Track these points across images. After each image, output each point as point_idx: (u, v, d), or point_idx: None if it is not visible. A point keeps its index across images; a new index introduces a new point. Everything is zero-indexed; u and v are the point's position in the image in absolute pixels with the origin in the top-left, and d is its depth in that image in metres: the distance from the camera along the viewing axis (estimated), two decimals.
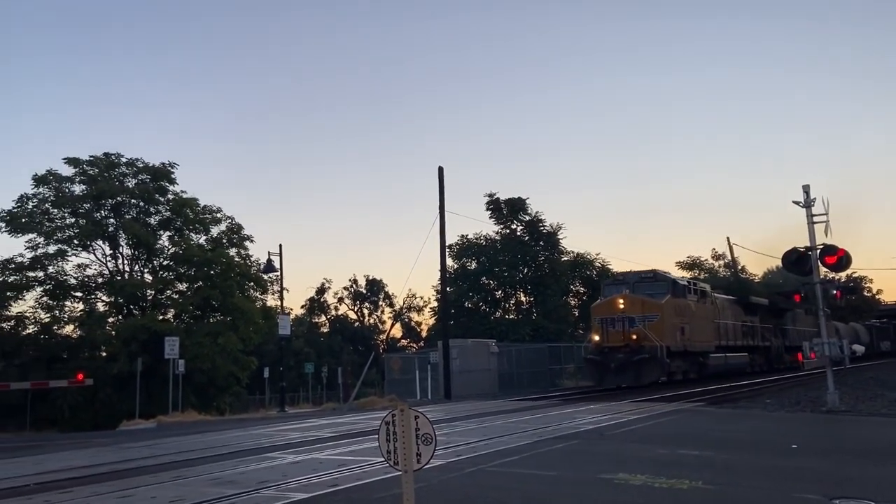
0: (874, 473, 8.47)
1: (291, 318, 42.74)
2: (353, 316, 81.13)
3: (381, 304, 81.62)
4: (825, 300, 17.70)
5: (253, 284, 40.72)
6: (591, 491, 7.27)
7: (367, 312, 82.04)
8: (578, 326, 46.08)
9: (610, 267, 47.34)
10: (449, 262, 40.78)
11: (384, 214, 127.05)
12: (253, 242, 41.34)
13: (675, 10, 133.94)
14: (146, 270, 39.14)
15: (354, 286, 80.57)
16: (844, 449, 10.78)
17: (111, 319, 36.96)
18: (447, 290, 34.98)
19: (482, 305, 46.84)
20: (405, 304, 78.35)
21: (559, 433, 12.35)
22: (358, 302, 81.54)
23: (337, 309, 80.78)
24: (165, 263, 39.17)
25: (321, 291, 79.46)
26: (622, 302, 26.80)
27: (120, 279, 37.38)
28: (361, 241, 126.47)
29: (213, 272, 38.23)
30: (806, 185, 17.25)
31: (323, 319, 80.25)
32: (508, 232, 46.95)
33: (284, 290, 30.93)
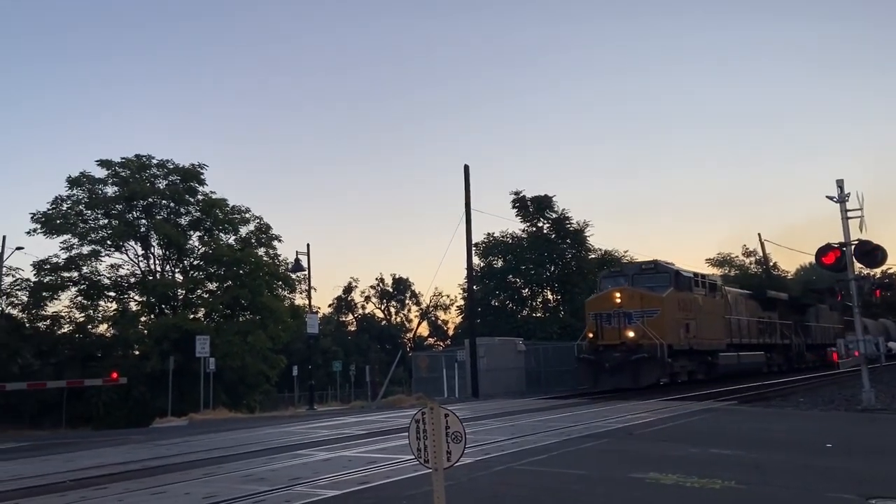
0: None
1: (319, 316, 43.06)
2: (379, 314, 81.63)
3: (407, 302, 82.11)
4: (860, 297, 17.39)
5: (281, 283, 41.14)
6: (621, 490, 7.21)
7: (393, 311, 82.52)
8: None
9: None
10: (475, 260, 40.75)
11: (410, 213, 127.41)
12: (281, 242, 41.87)
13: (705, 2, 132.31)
14: (177, 270, 39.80)
15: (381, 285, 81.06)
16: (881, 448, 10.58)
17: (143, 318, 37.65)
18: (474, 288, 34.95)
19: (509, 304, 46.71)
20: (432, 302, 78.72)
21: (588, 432, 12.27)
22: (385, 300, 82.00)
23: (364, 307, 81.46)
24: (196, 263, 39.79)
25: (348, 290, 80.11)
26: (619, 296, 24.55)
27: (152, 279, 38.03)
28: (388, 239, 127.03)
29: (242, 271, 38.71)
30: (840, 179, 16.99)
31: (350, 318, 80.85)
32: (535, 230, 46.78)
33: (312, 288, 31.18)
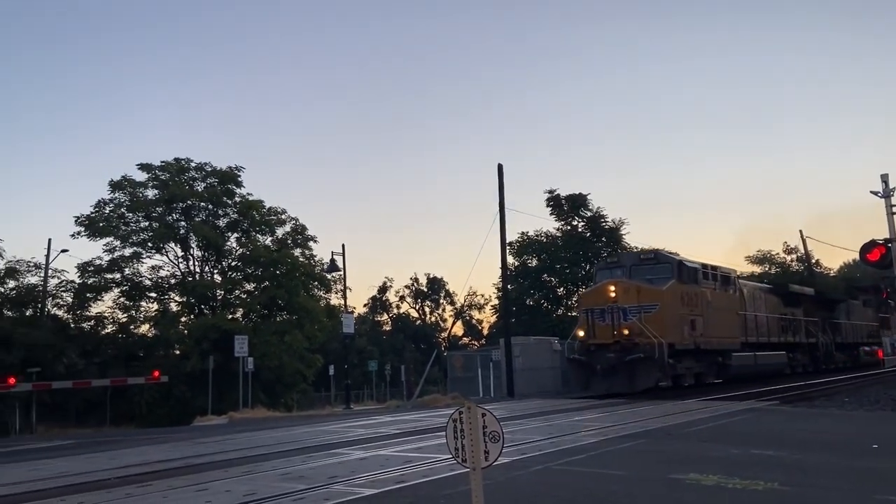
0: None
1: (355, 316, 43.40)
2: (414, 314, 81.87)
3: (442, 302, 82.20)
4: None
5: (317, 284, 41.63)
6: (661, 491, 7.12)
7: (428, 311, 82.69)
8: None
9: None
10: (510, 259, 40.65)
11: (444, 212, 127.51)
12: (316, 242, 42.34)
13: None
14: (216, 271, 40.50)
15: (416, 284, 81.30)
16: None
17: (184, 319, 38.42)
18: (508, 287, 34.86)
19: (544, 303, 46.52)
20: (466, 301, 78.68)
21: (626, 432, 12.15)
22: (419, 300, 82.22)
23: (399, 307, 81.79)
24: (234, 264, 40.45)
25: (383, 290, 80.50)
26: (614, 289, 22.51)
27: (191, 280, 38.76)
28: (422, 239, 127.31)
29: (278, 272, 39.23)
30: (885, 174, 16.59)
31: (385, 318, 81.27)
32: (570, 228, 46.48)
33: (347, 288, 31.49)
